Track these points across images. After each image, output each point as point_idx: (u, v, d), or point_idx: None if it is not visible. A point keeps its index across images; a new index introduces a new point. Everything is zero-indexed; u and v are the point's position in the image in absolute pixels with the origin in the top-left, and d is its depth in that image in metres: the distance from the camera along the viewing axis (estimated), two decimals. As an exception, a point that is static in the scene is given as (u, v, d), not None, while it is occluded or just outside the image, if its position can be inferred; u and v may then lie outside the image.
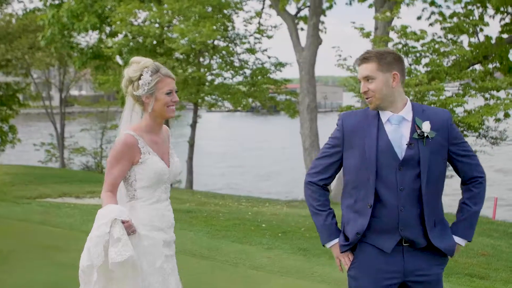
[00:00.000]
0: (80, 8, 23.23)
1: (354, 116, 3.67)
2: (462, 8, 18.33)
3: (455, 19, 17.79)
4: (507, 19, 18.72)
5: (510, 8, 18.26)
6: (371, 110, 3.62)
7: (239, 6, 23.88)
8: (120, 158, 3.69)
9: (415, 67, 15.61)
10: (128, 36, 23.07)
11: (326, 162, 3.68)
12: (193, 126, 25.35)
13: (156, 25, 22.88)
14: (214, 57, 24.03)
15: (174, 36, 22.35)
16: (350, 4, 21.54)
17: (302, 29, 22.96)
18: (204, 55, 24.05)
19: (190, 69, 23.64)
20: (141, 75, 3.76)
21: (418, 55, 15.71)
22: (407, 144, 3.52)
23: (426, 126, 3.50)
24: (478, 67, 17.85)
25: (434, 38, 16.49)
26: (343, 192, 3.71)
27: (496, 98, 15.78)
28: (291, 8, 33.80)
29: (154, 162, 3.75)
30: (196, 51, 22.86)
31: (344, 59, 16.25)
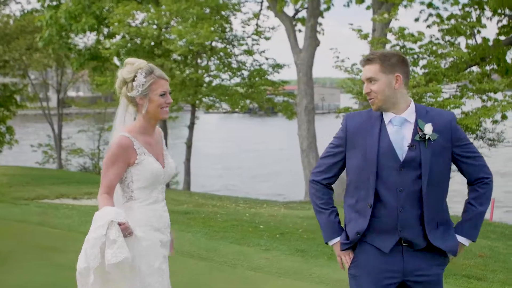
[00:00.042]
0: (78, 9, 23.24)
1: (358, 117, 3.69)
2: (460, 10, 18.39)
3: (452, 21, 17.84)
4: (504, 21, 18.79)
5: (508, 10, 18.32)
6: (374, 111, 3.64)
7: (237, 7, 23.91)
8: (115, 160, 3.69)
9: (412, 69, 15.62)
10: (126, 37, 23.08)
11: (330, 161, 3.71)
12: (190, 127, 25.34)
13: (154, 26, 22.89)
14: (212, 58, 24.05)
15: (172, 37, 22.36)
16: (348, 6, 21.62)
17: (300, 30, 23.02)
18: (202, 57, 24.07)
19: (187, 70, 23.67)
20: (135, 76, 3.76)
21: (415, 57, 15.74)
22: (408, 145, 3.54)
23: (428, 128, 3.51)
24: (475, 69, 17.89)
25: (432, 40, 16.52)
26: (345, 192, 3.74)
27: (494, 100, 15.80)
28: (289, 10, 33.77)
29: (150, 163, 3.76)
30: (194, 52, 22.86)
31: (342, 61, 16.24)
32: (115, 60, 25.07)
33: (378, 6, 18.51)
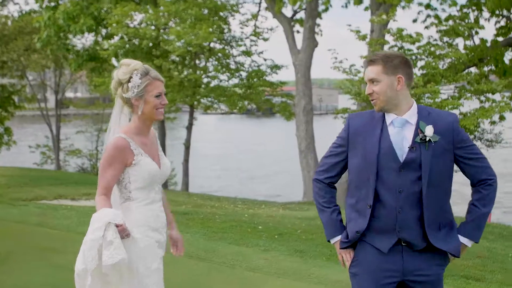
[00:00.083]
0: (76, 10, 23.23)
1: (361, 117, 3.72)
2: (458, 11, 18.43)
3: (450, 22, 17.87)
4: (502, 22, 18.83)
5: (506, 11, 18.36)
6: (376, 112, 3.66)
7: (235, 8, 23.89)
8: (112, 162, 3.71)
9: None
10: (124, 38, 23.06)
11: (332, 161, 3.75)
12: (189, 128, 25.34)
13: (152, 27, 22.88)
14: (210, 59, 24.02)
15: (170, 38, 22.35)
16: (346, 7, 21.60)
17: (298, 31, 23.06)
18: (200, 58, 24.05)
19: (186, 71, 23.66)
20: (130, 77, 3.78)
21: (413, 57, 15.74)
22: (409, 147, 3.55)
23: (429, 130, 3.52)
24: (473, 69, 17.92)
25: (430, 41, 16.54)
26: (347, 191, 3.77)
27: (492, 101, 15.82)
28: (287, 11, 33.92)
29: (148, 164, 3.78)
30: (192, 53, 22.85)
31: (340, 62, 16.25)
32: (113, 61, 25.05)
33: (376, 7, 18.53)
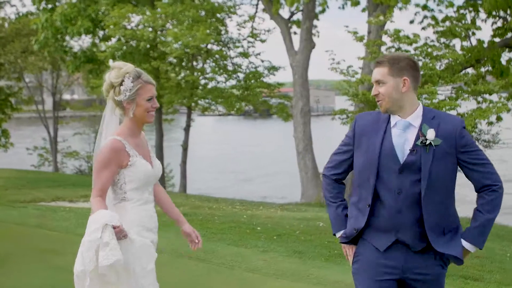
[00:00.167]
0: (74, 12, 23.23)
1: (367, 117, 3.76)
2: (455, 12, 18.48)
3: (447, 23, 17.92)
4: (499, 23, 18.89)
5: (502, 12, 18.41)
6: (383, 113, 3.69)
7: (232, 10, 23.90)
8: (108, 164, 3.74)
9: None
10: (122, 40, 23.05)
11: (339, 158, 3.82)
12: (186, 130, 25.32)
13: (150, 29, 22.86)
14: (208, 61, 24.03)
15: (168, 40, 22.35)
16: (343, 8, 21.68)
17: (295, 33, 23.08)
18: (198, 59, 24.05)
19: (183, 73, 23.64)
20: (122, 81, 3.80)
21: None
22: (409, 149, 3.58)
23: (430, 134, 3.54)
24: (470, 70, 17.97)
25: (427, 42, 16.55)
26: (351, 190, 3.82)
27: (489, 102, 15.86)
28: (284, 12, 33.75)
29: (143, 164, 3.83)
30: (190, 55, 22.85)
31: (337, 63, 16.25)
32: (111, 63, 24.99)
33: (373, 8, 18.57)
